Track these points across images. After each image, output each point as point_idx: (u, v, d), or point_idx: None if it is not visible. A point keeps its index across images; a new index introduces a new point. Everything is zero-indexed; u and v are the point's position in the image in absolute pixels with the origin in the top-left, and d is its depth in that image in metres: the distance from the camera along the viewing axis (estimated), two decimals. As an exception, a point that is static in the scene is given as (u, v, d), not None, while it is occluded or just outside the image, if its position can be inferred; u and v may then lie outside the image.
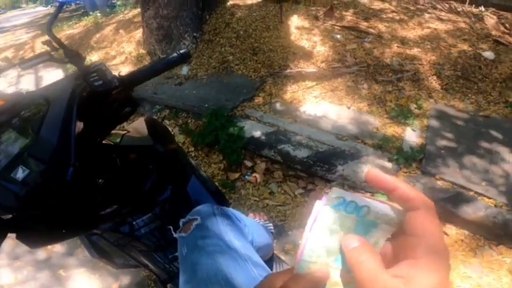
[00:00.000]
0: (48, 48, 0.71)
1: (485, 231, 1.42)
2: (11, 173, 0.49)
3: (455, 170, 1.60)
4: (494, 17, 3.17)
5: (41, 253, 1.56)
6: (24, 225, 0.56)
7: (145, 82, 0.77)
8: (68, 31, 4.97)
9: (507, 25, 2.98)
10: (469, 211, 1.42)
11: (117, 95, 0.70)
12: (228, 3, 3.21)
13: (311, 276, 0.26)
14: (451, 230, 1.47)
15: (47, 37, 0.69)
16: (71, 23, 5.48)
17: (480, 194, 1.47)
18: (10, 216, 0.52)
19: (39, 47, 4.83)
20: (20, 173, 0.50)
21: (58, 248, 1.56)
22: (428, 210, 0.24)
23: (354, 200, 0.26)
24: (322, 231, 0.26)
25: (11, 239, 0.56)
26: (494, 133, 1.83)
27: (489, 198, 1.45)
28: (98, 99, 0.67)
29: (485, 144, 1.75)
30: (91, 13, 5.26)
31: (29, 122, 0.56)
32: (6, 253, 1.56)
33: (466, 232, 1.45)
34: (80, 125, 0.63)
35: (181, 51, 0.76)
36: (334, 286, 0.26)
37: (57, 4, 0.72)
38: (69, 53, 0.70)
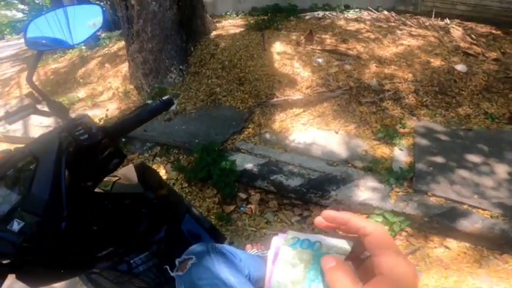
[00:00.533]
0: (31, 100, 0.73)
1: (486, 241, 1.45)
2: (7, 226, 0.52)
3: (446, 185, 1.64)
4: (460, 28, 3.38)
5: None
6: (23, 267, 0.58)
7: (129, 133, 0.78)
8: (53, 65, 4.96)
9: (473, 36, 3.18)
10: (467, 224, 1.46)
11: (104, 146, 0.72)
12: (212, 34, 3.31)
13: None
14: (452, 243, 1.50)
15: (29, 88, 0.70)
16: (55, 56, 5.47)
17: (474, 207, 1.51)
18: (8, 260, 0.55)
19: (25, 83, 4.79)
20: (16, 225, 0.53)
21: (56, 285, 1.52)
22: (380, 232, 0.28)
23: (307, 238, 0.31)
24: (285, 265, 0.31)
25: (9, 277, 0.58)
26: (479, 145, 1.90)
27: (484, 210, 1.49)
28: (84, 152, 0.68)
29: (472, 157, 1.81)
30: (76, 46, 5.28)
31: (19, 179, 0.58)
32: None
33: (467, 244, 1.47)
34: (69, 177, 0.64)
35: (163, 98, 0.78)
36: None
37: (36, 53, 0.71)
38: (53, 105, 0.71)
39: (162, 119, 2.37)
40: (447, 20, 3.56)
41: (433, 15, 3.63)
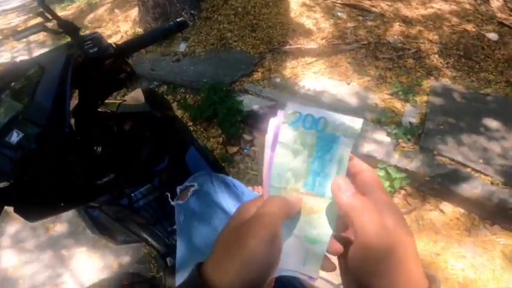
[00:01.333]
0: (42, 20, 0.69)
1: (481, 209, 1.43)
2: (5, 137, 0.49)
3: (454, 146, 1.59)
4: (501, -1, 3.11)
5: (44, 234, 1.57)
6: (21, 196, 0.55)
7: (139, 50, 0.75)
8: (60, 13, 4.84)
9: (513, 8, 2.93)
10: (466, 188, 1.43)
11: (113, 63, 0.69)
12: (227, -20, 3.12)
13: (284, 201, 0.25)
14: (447, 207, 1.48)
15: (39, 20, 0.66)
16: (63, 4, 5.33)
17: (477, 171, 1.47)
18: (6, 184, 0.52)
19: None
20: (15, 137, 0.49)
21: (60, 228, 1.58)
22: (372, 172, 0.28)
23: (310, 113, 0.25)
24: (286, 152, 0.26)
25: (13, 221, 0.55)
26: (493, 111, 1.82)
27: (486, 175, 1.45)
28: (93, 66, 0.66)
29: (484, 122, 1.74)
30: None
31: (23, 88, 0.55)
32: (10, 236, 1.58)
33: (462, 210, 1.46)
34: (75, 93, 0.63)
35: (178, 20, 0.76)
36: (310, 213, 0.26)
37: None
38: (64, 24, 0.68)
39: (171, 60, 2.31)
40: (488, -11, 3.27)
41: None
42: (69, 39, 0.66)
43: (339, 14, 2.55)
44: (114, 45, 0.68)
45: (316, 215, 0.26)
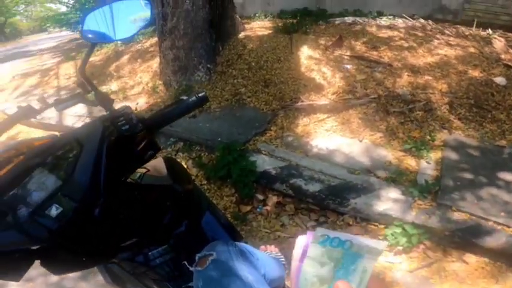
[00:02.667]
0: (80, 90, 0.78)
1: (506, 258, 1.39)
2: (45, 210, 0.54)
3: (473, 201, 1.57)
4: (502, 39, 3.17)
5: (53, 277, 1.56)
6: (50, 254, 0.60)
7: (165, 126, 0.80)
8: (90, 58, 5.26)
9: (516, 48, 2.97)
10: (489, 240, 1.40)
11: (141, 137, 0.75)
12: (240, 35, 3.36)
13: None
14: (471, 258, 1.44)
15: (71, 64, 0.75)
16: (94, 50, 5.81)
17: (500, 224, 1.44)
18: (38, 246, 0.57)
19: (63, 74, 5.14)
20: (54, 211, 0.54)
21: (70, 274, 1.59)
22: None
23: (337, 236, 0.30)
24: (313, 263, 0.30)
25: None
26: (510, 164, 1.79)
27: (509, 227, 1.42)
28: (124, 141, 0.72)
29: (502, 175, 1.72)
30: (126, 40, 5.57)
31: (62, 163, 0.60)
32: None
33: (487, 260, 1.42)
34: (108, 166, 0.66)
35: (199, 95, 0.80)
36: None
37: (89, 45, 0.75)
38: (100, 96, 0.76)
39: (187, 116, 2.43)
40: (489, 31, 3.36)
41: (475, 25, 3.43)
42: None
43: (347, 66, 2.66)
44: (142, 120, 0.73)
45: None
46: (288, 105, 2.32)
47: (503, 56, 2.87)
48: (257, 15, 4.70)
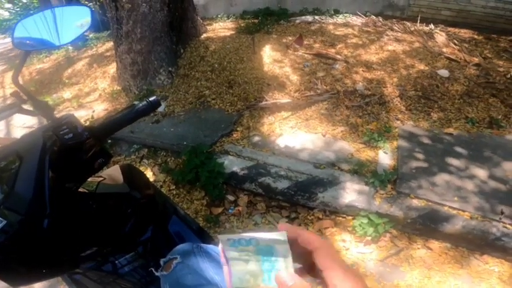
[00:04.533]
0: (16, 100, 0.72)
1: (467, 242, 1.51)
2: None
3: (428, 187, 1.70)
4: (443, 34, 3.49)
5: None
6: (5, 266, 0.57)
7: (114, 133, 0.77)
8: (38, 65, 4.83)
9: (456, 41, 3.29)
10: (447, 225, 1.52)
11: (89, 146, 0.72)
12: (202, 36, 3.31)
13: None
14: (434, 244, 1.56)
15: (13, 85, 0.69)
16: (41, 56, 5.33)
17: (455, 209, 1.57)
18: None
19: (9, 82, 4.65)
20: None
21: (37, 285, 1.46)
22: (327, 247, 0.31)
23: (240, 237, 0.32)
24: (238, 262, 0.32)
25: None
26: (459, 149, 1.97)
27: (464, 211, 1.55)
28: (69, 151, 0.68)
29: (453, 161, 1.88)
30: (63, 47, 5.17)
31: (1, 177, 0.58)
32: None
33: (449, 245, 1.54)
34: (53, 176, 0.64)
35: (150, 99, 0.78)
36: None
37: (22, 53, 0.70)
38: (38, 105, 0.71)
39: (150, 121, 2.35)
40: (432, 26, 3.68)
41: (419, 21, 3.74)
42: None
43: (308, 64, 2.76)
44: (88, 128, 0.69)
45: None
46: (252, 105, 2.34)
47: (444, 50, 3.16)
48: (219, 16, 4.67)
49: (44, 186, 0.57)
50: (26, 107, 0.73)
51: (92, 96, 3.14)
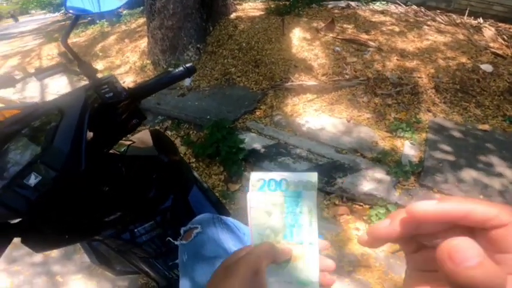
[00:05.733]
0: (62, 60, 0.75)
1: None
2: (23, 179, 0.52)
3: (454, 183, 1.61)
4: (493, 28, 3.21)
5: (39, 258, 1.55)
6: (30, 229, 0.58)
7: (151, 95, 0.80)
8: (74, 39, 5.06)
9: (505, 37, 3.02)
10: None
11: (125, 106, 0.74)
12: (232, 16, 3.28)
13: (271, 246, 0.30)
14: None
15: (54, 45, 0.73)
16: (77, 31, 5.58)
17: None
18: (18, 220, 0.55)
19: (46, 54, 4.93)
20: (33, 179, 0.52)
21: (56, 253, 1.56)
22: None
23: (272, 177, 0.30)
24: (261, 215, 0.30)
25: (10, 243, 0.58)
26: (492, 147, 1.85)
27: None
28: (107, 110, 0.70)
29: (483, 158, 1.77)
30: (98, 22, 5.37)
31: (41, 131, 0.58)
32: (4, 256, 1.55)
33: None
34: (89, 135, 0.65)
35: (187, 65, 0.79)
36: (296, 260, 0.30)
37: (73, 17, 0.74)
38: (83, 65, 0.73)
39: (176, 94, 2.40)
40: (480, 20, 3.39)
41: (467, 14, 3.46)
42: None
43: (338, 49, 2.65)
44: (127, 89, 0.71)
45: (301, 261, 0.30)
46: (278, 85, 2.31)
47: (491, 45, 2.91)
48: (250, -4, 4.58)
49: (81, 142, 0.57)
50: (70, 67, 0.76)
51: (123, 69, 3.25)
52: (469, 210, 0.19)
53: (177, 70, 0.79)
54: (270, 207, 0.30)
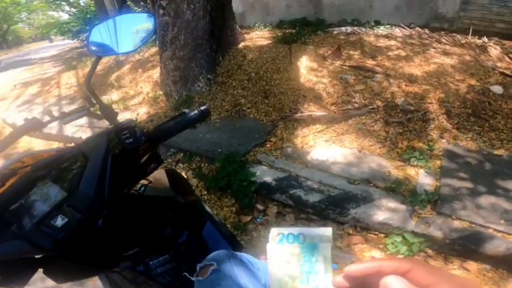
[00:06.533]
0: (85, 103, 0.80)
1: (508, 265, 1.40)
2: (51, 221, 0.55)
3: (472, 209, 1.58)
4: (498, 47, 3.21)
5: (52, 282, 1.56)
6: (53, 262, 0.61)
7: (168, 139, 0.82)
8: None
9: (511, 55, 3.01)
10: (490, 247, 1.41)
11: (144, 149, 0.77)
12: (240, 45, 3.41)
13: None
14: (472, 265, 1.45)
15: (72, 73, 0.76)
16: (93, 59, 5.88)
17: (500, 231, 1.46)
18: (42, 255, 0.59)
19: (64, 83, 5.19)
20: (60, 221, 0.56)
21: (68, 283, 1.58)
22: (419, 264, 0.26)
23: (290, 232, 0.33)
24: (279, 264, 0.33)
25: None
26: (509, 172, 1.81)
27: (509, 234, 1.43)
28: (128, 154, 0.73)
29: (501, 183, 1.73)
30: (130, 53, 5.64)
31: (67, 175, 0.62)
32: None
33: (488, 266, 1.43)
34: (112, 178, 0.68)
35: (202, 108, 0.82)
36: None
37: (95, 58, 0.77)
38: (105, 110, 0.77)
39: (188, 126, 2.45)
40: (485, 38, 3.40)
41: (470, 33, 3.48)
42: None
43: (346, 76, 2.70)
44: (146, 134, 0.74)
45: None
46: (287, 116, 2.34)
47: (499, 64, 2.91)
48: (256, 25, 4.76)
49: (105, 186, 0.61)
50: (93, 110, 0.80)
51: (137, 99, 3.38)
52: (379, 266, 0.27)
53: (192, 113, 0.82)
54: (288, 257, 0.33)
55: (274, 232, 0.34)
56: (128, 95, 3.55)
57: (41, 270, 0.64)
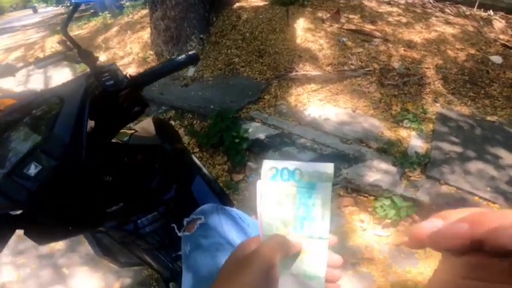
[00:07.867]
0: (62, 48, 0.74)
1: None
2: (23, 169, 0.50)
3: (461, 175, 1.59)
4: (503, 21, 3.14)
5: (45, 250, 1.56)
6: (33, 221, 0.57)
7: (153, 82, 0.78)
8: (77, 31, 5.05)
9: (515, 29, 2.96)
10: None
11: (127, 94, 0.72)
12: (235, 6, 3.24)
13: (283, 239, 0.28)
14: None
15: (57, 37, 0.71)
16: (80, 23, 5.57)
17: (486, 199, 1.46)
18: (19, 212, 0.54)
19: (49, 47, 4.92)
20: (33, 169, 0.51)
21: (61, 245, 1.58)
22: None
23: (285, 166, 0.28)
24: (272, 205, 0.28)
25: (15, 235, 0.57)
26: (500, 139, 1.82)
27: (494, 203, 1.44)
28: (108, 98, 0.69)
29: (491, 150, 1.74)
30: (100, 14, 5.35)
31: (42, 120, 0.57)
32: (10, 249, 1.56)
33: None
34: (91, 123, 0.64)
35: (189, 53, 0.77)
36: (304, 253, 0.29)
37: (72, 5, 0.73)
38: (83, 53, 0.72)
39: (179, 84, 2.37)
40: (491, 12, 3.32)
41: (476, 6, 3.38)
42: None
43: (344, 39, 2.60)
44: (128, 77, 0.70)
45: (309, 255, 0.29)
46: (282, 75, 2.27)
47: (501, 36, 2.85)
48: (253, -13, 4.51)
49: (82, 131, 0.56)
50: (71, 55, 0.74)
51: (126, 60, 3.23)
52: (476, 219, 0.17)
53: (179, 58, 0.77)
54: (282, 198, 0.28)
55: (267, 165, 0.28)
56: (117, 56, 3.39)
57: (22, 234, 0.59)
